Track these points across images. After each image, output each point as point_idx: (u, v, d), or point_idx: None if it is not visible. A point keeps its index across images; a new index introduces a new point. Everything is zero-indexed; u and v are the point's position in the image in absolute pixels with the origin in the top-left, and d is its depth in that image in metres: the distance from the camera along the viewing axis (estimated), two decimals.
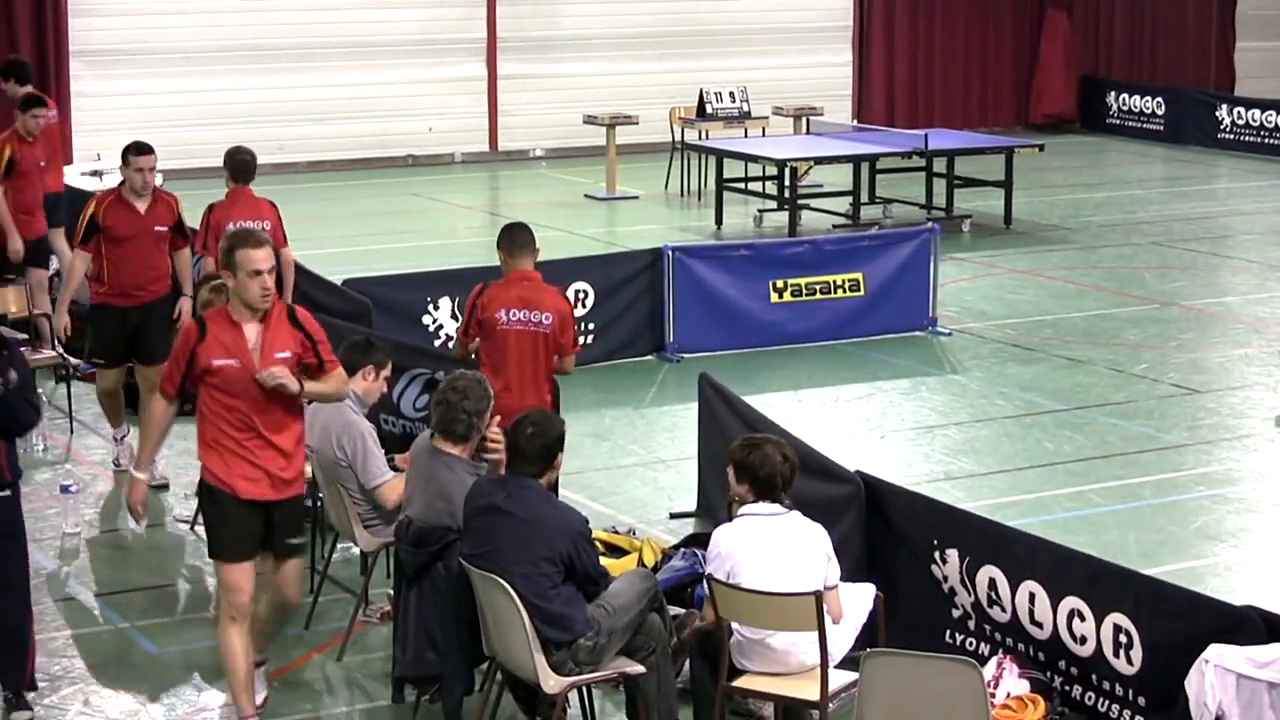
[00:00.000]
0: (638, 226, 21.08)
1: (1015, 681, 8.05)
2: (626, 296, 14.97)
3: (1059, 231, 21.14)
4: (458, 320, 12.23)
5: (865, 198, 21.24)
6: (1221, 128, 28.39)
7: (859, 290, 15.65)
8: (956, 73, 29.69)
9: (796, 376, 14.58)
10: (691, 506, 11.18)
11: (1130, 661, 7.70)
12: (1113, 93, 30.23)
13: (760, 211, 21.32)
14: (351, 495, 9.05)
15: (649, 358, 15.03)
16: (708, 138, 23.19)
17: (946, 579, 8.51)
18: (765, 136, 23.43)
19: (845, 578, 7.98)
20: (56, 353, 13.34)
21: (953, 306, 16.73)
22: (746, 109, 23.61)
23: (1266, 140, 27.73)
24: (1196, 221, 22.05)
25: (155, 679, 8.95)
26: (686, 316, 15.04)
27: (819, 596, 7.37)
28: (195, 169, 22.23)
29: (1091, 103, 30.37)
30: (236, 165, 12.69)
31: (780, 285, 15.40)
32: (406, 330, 13.57)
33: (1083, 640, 7.92)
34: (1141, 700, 7.68)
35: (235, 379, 7.86)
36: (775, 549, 7.57)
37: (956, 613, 8.52)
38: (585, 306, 14.64)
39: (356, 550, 9.56)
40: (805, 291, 15.47)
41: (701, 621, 8.05)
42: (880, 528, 8.80)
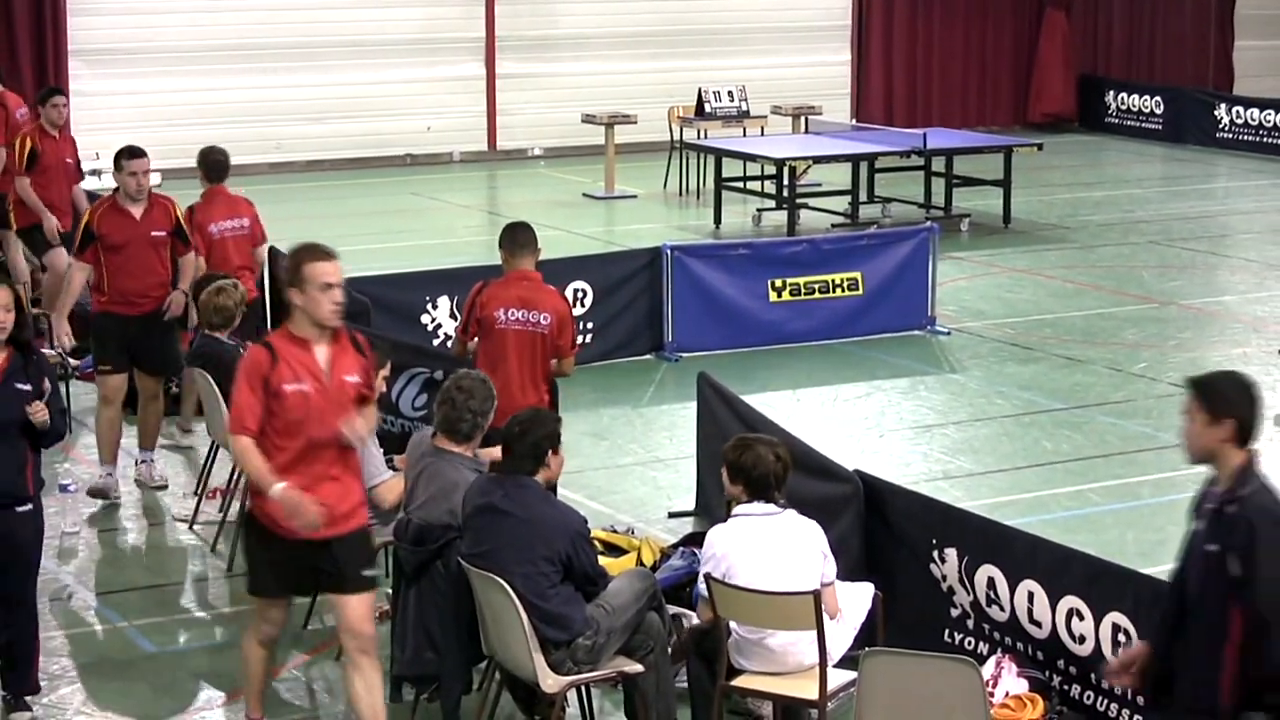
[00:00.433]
0: (636, 225, 21.07)
1: (1014, 680, 8.06)
2: (625, 296, 14.96)
3: (1058, 230, 21.13)
4: (456, 319, 12.23)
5: (864, 197, 21.24)
6: (1220, 127, 28.39)
7: (857, 289, 15.64)
8: (955, 72, 29.69)
9: (795, 376, 14.58)
10: (690, 505, 11.18)
11: None
12: (1111, 92, 30.23)
13: (759, 211, 21.31)
14: None
15: (648, 357, 15.02)
16: (706, 137, 23.18)
17: (945, 578, 8.51)
18: (764, 136, 23.42)
19: (844, 577, 7.98)
20: (55, 351, 13.31)
21: (951, 306, 16.73)
22: (745, 108, 23.60)
23: (1265, 139, 27.73)
24: (1195, 220, 22.05)
25: (154, 678, 8.95)
26: (685, 316, 15.03)
27: (817, 595, 7.37)
28: (194, 168, 22.18)
29: (1090, 102, 30.38)
30: (211, 165, 12.90)
31: (779, 284, 15.40)
32: (405, 329, 13.57)
33: (1082, 639, 7.92)
34: (1140, 699, 7.68)
35: (302, 405, 7.28)
36: (770, 548, 7.56)
37: (955, 612, 8.52)
38: (584, 306, 14.63)
39: None
40: (804, 291, 15.47)
41: (698, 622, 8.04)
42: (879, 527, 8.80)
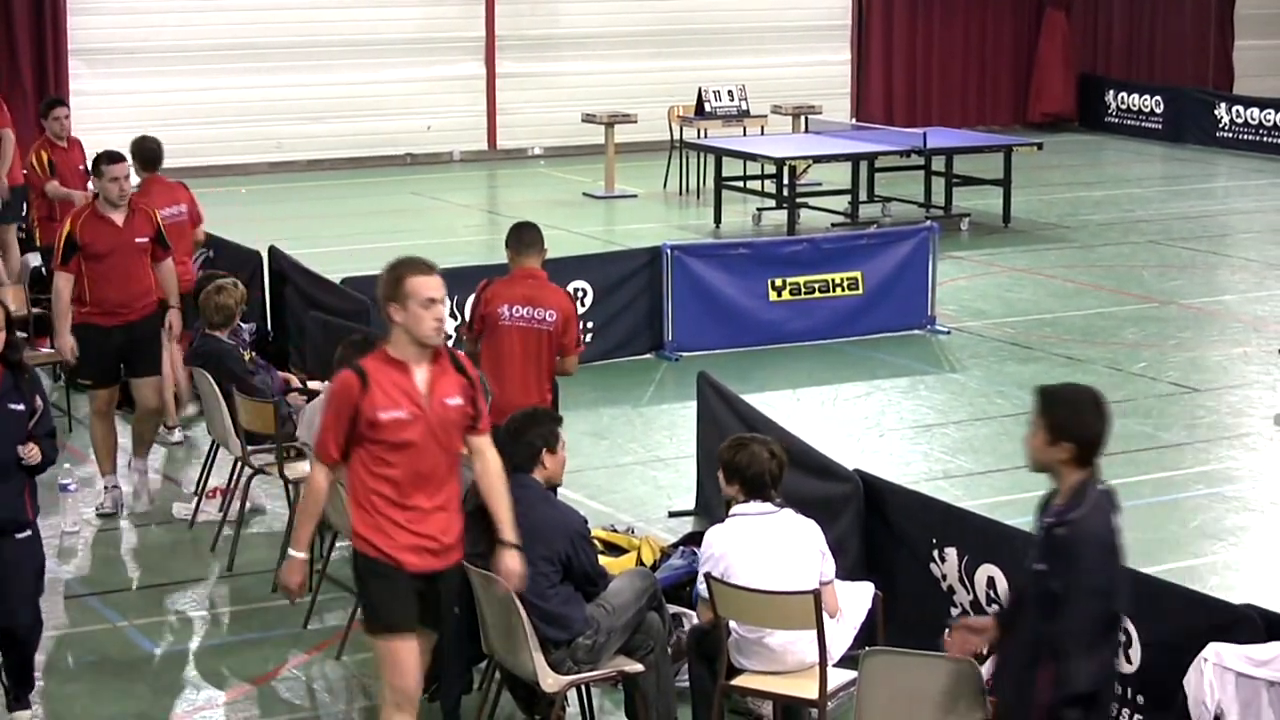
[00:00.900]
0: (636, 225, 21.06)
1: None
2: (625, 295, 14.96)
3: (1057, 230, 21.13)
4: (456, 319, 12.22)
5: (864, 196, 21.24)
6: (1220, 126, 28.38)
7: (857, 289, 15.64)
8: (955, 71, 29.69)
9: (795, 375, 14.58)
10: (690, 505, 11.18)
11: (1129, 660, 7.68)
12: (1111, 91, 30.22)
13: (759, 210, 21.31)
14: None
15: (648, 356, 15.02)
16: (706, 136, 23.17)
17: (945, 577, 8.51)
18: (764, 135, 23.42)
19: (844, 576, 7.98)
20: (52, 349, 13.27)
21: (951, 305, 16.72)
22: (745, 107, 23.60)
23: (1265, 139, 27.72)
24: (1195, 220, 22.04)
25: (154, 678, 8.95)
26: (685, 315, 15.03)
27: (817, 595, 7.36)
28: (196, 168, 22.19)
29: (1090, 101, 30.37)
30: (145, 154, 13.10)
31: (779, 284, 15.40)
32: None
33: None
34: (1140, 699, 7.67)
35: (404, 431, 6.85)
36: (768, 547, 7.56)
37: (955, 611, 8.51)
38: (584, 305, 14.62)
39: None
40: (804, 290, 15.47)
41: (698, 622, 8.04)
42: (879, 526, 8.80)
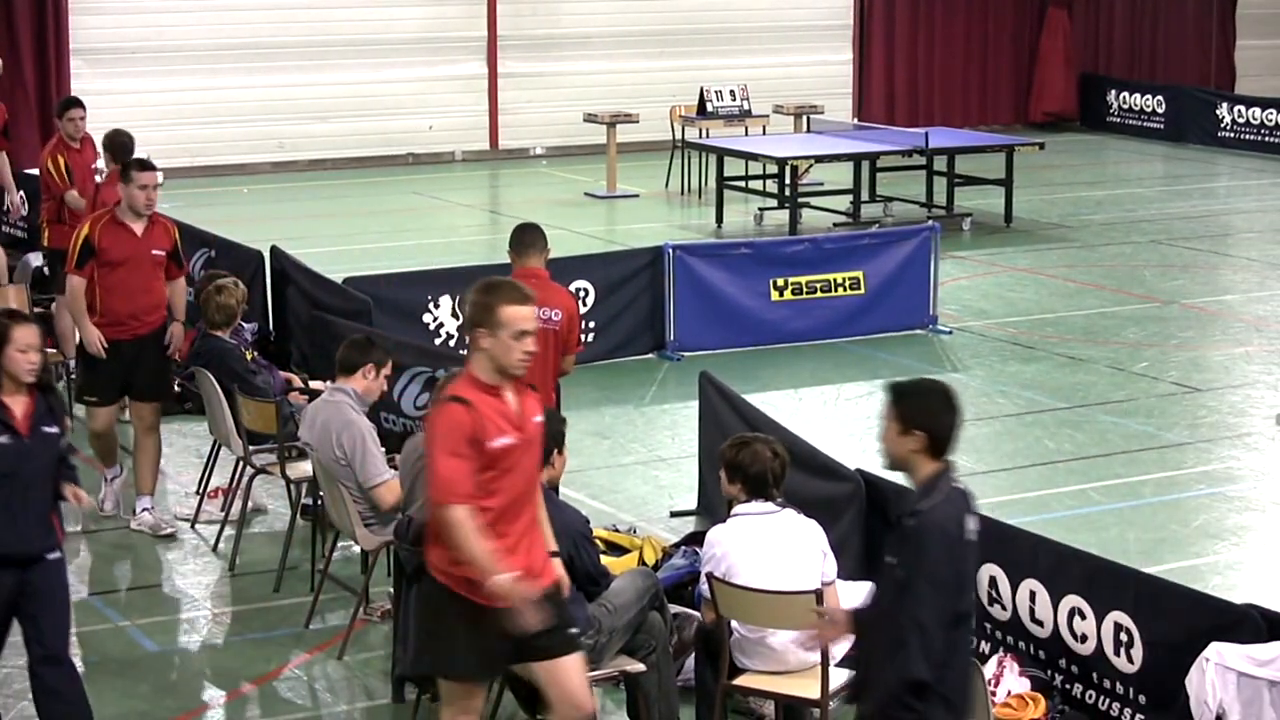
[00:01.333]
0: (638, 225, 21.06)
1: (1016, 680, 8.06)
2: (627, 295, 14.96)
3: (1059, 230, 21.13)
4: (458, 319, 12.22)
5: (865, 196, 21.23)
6: (1222, 126, 28.37)
7: (859, 289, 15.64)
8: (956, 71, 29.67)
9: (797, 375, 14.58)
10: (692, 505, 11.18)
11: (1131, 660, 7.70)
12: (1113, 91, 30.20)
13: (761, 210, 21.30)
14: (352, 494, 9.05)
15: (649, 356, 15.02)
16: (708, 136, 23.17)
17: None
18: (765, 135, 23.42)
19: (845, 576, 7.98)
20: (55, 349, 13.25)
21: (953, 305, 16.72)
22: (747, 107, 23.59)
23: (1267, 139, 27.71)
24: (1197, 220, 22.04)
25: (155, 677, 8.96)
26: (687, 315, 15.03)
27: (819, 595, 7.36)
28: (196, 167, 22.23)
29: (1092, 101, 30.36)
30: (117, 146, 13.34)
31: (780, 283, 15.39)
32: (407, 329, 13.57)
33: (1083, 639, 7.92)
34: (1142, 698, 7.68)
35: (511, 457, 6.55)
36: (770, 547, 7.56)
37: None
38: (586, 305, 14.63)
39: (357, 549, 9.55)
40: (805, 290, 15.47)
41: (702, 622, 8.03)
42: (881, 526, 8.79)
